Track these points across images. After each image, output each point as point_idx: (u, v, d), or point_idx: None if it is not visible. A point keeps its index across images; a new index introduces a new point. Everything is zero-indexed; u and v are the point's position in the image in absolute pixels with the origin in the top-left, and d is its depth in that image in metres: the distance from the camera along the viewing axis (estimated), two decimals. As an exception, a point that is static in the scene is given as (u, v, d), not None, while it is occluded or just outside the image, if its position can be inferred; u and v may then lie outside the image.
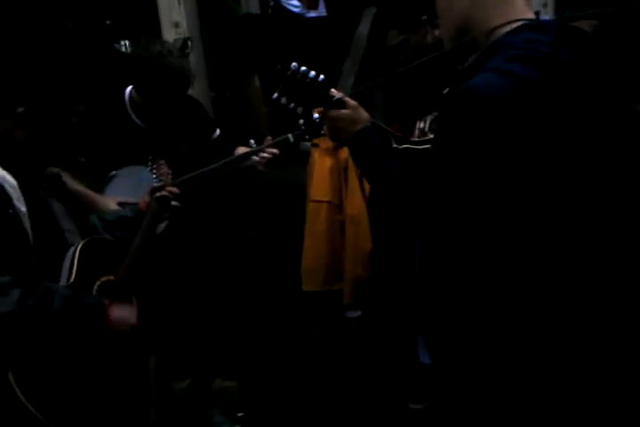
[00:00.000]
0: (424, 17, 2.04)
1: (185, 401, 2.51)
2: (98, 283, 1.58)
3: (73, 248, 1.56)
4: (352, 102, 1.38)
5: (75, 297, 1.42)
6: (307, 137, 1.89)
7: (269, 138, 2.13)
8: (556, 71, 1.12)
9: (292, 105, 1.39)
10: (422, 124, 2.51)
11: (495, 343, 1.24)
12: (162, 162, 1.90)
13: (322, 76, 1.37)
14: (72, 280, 1.49)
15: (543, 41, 1.14)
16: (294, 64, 1.35)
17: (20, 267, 1.35)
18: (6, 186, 1.38)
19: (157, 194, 1.79)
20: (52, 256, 1.52)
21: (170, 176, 1.88)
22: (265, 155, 2.09)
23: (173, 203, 1.80)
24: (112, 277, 1.62)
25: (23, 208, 1.41)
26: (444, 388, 1.50)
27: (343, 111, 1.36)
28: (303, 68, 1.36)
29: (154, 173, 1.87)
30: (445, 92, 1.81)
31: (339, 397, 2.63)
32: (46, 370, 1.39)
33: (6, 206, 1.36)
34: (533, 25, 1.19)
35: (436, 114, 2.39)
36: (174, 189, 1.82)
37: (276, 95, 1.37)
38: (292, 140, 2.02)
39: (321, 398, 2.62)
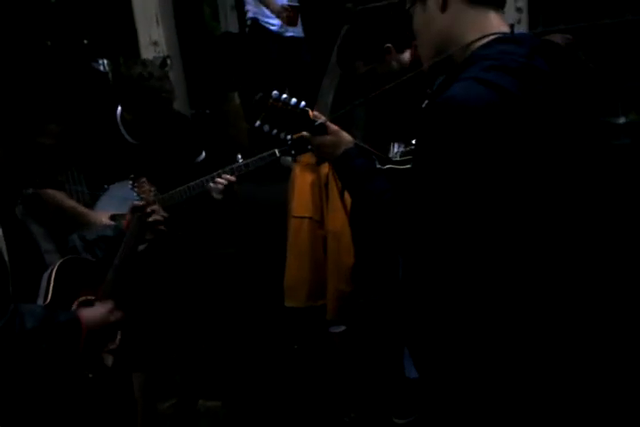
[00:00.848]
0: (388, 44, 2.07)
1: (170, 422, 2.48)
2: (76, 302, 1.56)
3: (50, 269, 1.55)
4: (333, 127, 1.40)
5: (47, 316, 1.40)
6: (293, 152, 1.91)
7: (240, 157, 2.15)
8: (531, 80, 1.14)
9: (275, 132, 1.41)
10: (397, 147, 2.54)
11: (479, 357, 1.25)
12: (143, 179, 1.91)
13: (303, 103, 1.40)
14: (49, 300, 1.48)
15: (518, 52, 1.17)
16: (275, 93, 1.37)
17: None
18: None
19: (139, 213, 1.78)
20: (31, 278, 1.50)
21: (152, 193, 1.88)
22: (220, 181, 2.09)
23: (154, 217, 1.80)
24: (92, 297, 1.61)
25: None
26: (429, 403, 1.50)
27: (325, 137, 1.39)
28: (284, 95, 1.38)
29: (135, 191, 1.87)
30: (423, 105, 1.84)
31: (323, 413, 2.61)
32: (23, 391, 1.37)
33: None
34: (508, 38, 1.22)
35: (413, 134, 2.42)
36: (156, 208, 1.81)
37: (258, 123, 1.39)
38: (278, 154, 2.06)
39: (306, 414, 2.60)
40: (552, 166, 1.18)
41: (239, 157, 2.15)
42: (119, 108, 2.33)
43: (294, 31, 4.17)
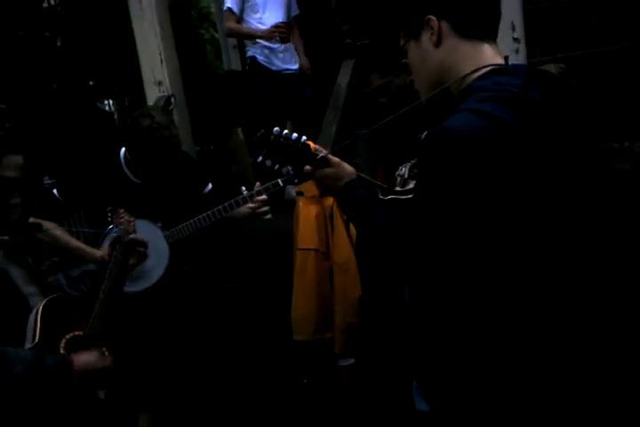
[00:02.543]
0: (404, 60, 2.12)
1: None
2: (64, 340, 1.56)
3: (35, 310, 1.54)
4: (335, 159, 1.42)
5: (35, 360, 1.37)
6: (295, 181, 1.94)
7: (258, 184, 2.20)
8: (526, 110, 1.16)
9: (277, 166, 1.43)
10: (402, 171, 2.56)
11: (490, 390, 1.23)
12: (122, 210, 1.94)
13: (304, 138, 1.42)
14: (37, 341, 1.47)
15: (513, 83, 1.19)
16: (276, 129, 1.40)
17: None
18: None
19: (118, 243, 1.81)
20: (15, 323, 1.50)
21: (132, 223, 1.91)
22: (256, 204, 2.19)
23: (140, 249, 1.83)
24: (79, 333, 1.60)
25: None
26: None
27: (327, 170, 1.40)
28: (285, 131, 1.41)
29: (113, 222, 1.92)
30: (423, 136, 1.87)
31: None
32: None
33: None
34: (503, 69, 1.24)
35: (413, 162, 2.45)
36: (138, 237, 1.84)
37: (260, 158, 1.42)
38: (281, 184, 2.12)
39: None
40: (547, 194, 1.19)
41: (243, 188, 2.18)
42: (122, 149, 2.36)
43: (293, 68, 4.25)
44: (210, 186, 2.55)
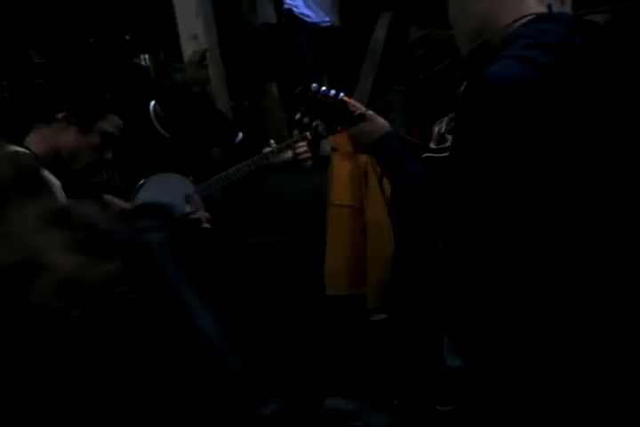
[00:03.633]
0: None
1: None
2: None
3: None
4: (370, 113, 1.41)
5: None
6: (324, 134, 1.95)
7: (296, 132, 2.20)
8: (571, 57, 1.13)
9: (315, 124, 1.42)
10: (439, 127, 2.51)
11: (524, 343, 1.24)
12: (196, 196, 1.97)
13: (342, 94, 1.41)
14: None
15: (557, 30, 1.15)
16: (314, 85, 1.39)
17: None
18: (52, 187, 1.42)
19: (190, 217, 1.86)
20: None
21: (203, 208, 1.96)
22: (300, 150, 2.23)
23: (205, 225, 1.87)
24: None
25: None
26: (474, 389, 1.49)
27: (362, 125, 1.40)
28: (323, 88, 1.40)
29: (189, 207, 1.96)
30: (462, 89, 1.82)
31: (366, 399, 2.62)
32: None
33: None
34: (546, 16, 1.20)
35: (451, 116, 2.40)
36: (206, 214, 1.88)
37: (298, 116, 1.42)
38: (309, 137, 2.16)
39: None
40: (591, 145, 1.15)
41: (272, 141, 2.19)
42: (152, 103, 2.37)
43: (330, 21, 4.16)
44: (240, 135, 2.55)
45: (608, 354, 1.23)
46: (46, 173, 1.43)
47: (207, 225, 1.89)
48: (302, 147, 2.25)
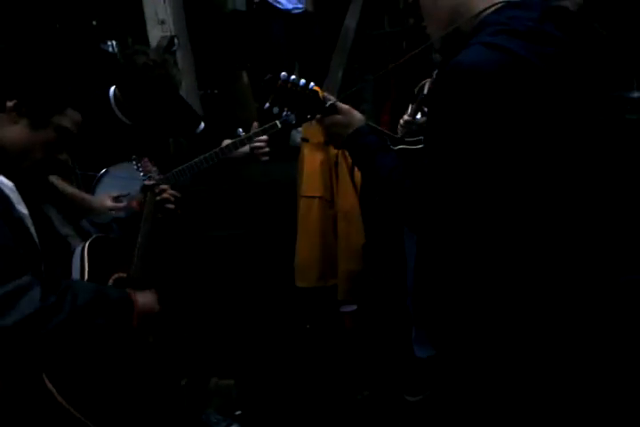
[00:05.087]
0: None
1: (182, 400, 2.51)
2: (111, 280, 1.56)
3: (79, 248, 1.53)
4: (344, 106, 1.38)
5: (100, 290, 1.39)
6: (293, 122, 1.91)
7: (255, 124, 2.15)
8: (542, 43, 1.12)
9: (285, 114, 1.39)
10: (409, 112, 2.51)
11: (496, 333, 1.24)
12: (146, 159, 1.90)
13: (312, 84, 1.38)
14: (86, 279, 1.46)
15: (527, 16, 1.15)
16: (284, 74, 1.36)
17: (33, 269, 1.31)
18: (5, 189, 1.34)
19: (158, 198, 1.78)
20: (58, 260, 1.49)
21: (155, 173, 1.88)
22: (257, 144, 2.16)
23: (164, 196, 1.80)
24: (124, 274, 1.60)
25: (25, 211, 1.37)
26: (444, 379, 1.50)
27: (336, 117, 1.37)
28: (293, 76, 1.36)
29: (140, 171, 1.87)
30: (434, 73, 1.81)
31: (337, 391, 2.62)
32: (79, 367, 1.36)
33: (9, 209, 1.32)
34: (517, 3, 1.20)
35: (422, 95, 2.39)
36: (166, 187, 1.82)
37: (267, 105, 1.38)
38: (279, 126, 2.06)
39: (318, 393, 2.61)
40: (559, 130, 1.15)
41: (240, 130, 2.14)
42: (111, 89, 2.30)
43: (302, 7, 4.11)
44: (202, 125, 2.50)
45: (577, 343, 1.25)
46: None
47: (171, 206, 1.82)
48: (259, 142, 2.19)
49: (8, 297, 1.22)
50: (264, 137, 2.15)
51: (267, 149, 2.24)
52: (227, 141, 2.21)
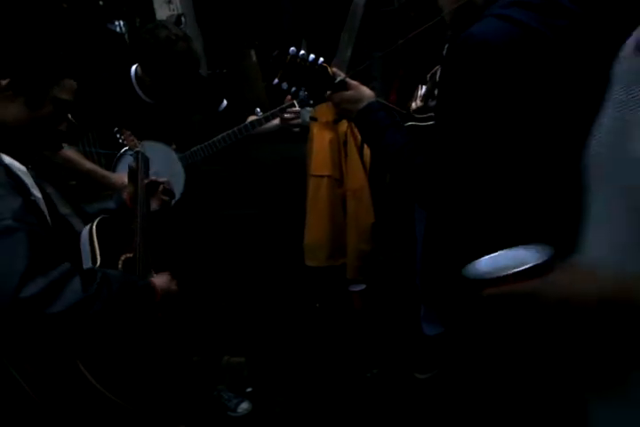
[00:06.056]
0: None
1: (194, 377, 2.54)
2: (120, 262, 1.56)
3: (86, 230, 1.52)
4: (353, 82, 1.37)
5: (127, 278, 1.40)
6: (311, 102, 1.92)
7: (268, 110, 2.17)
8: (554, 16, 1.11)
9: (294, 89, 1.38)
10: (421, 91, 2.48)
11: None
12: (128, 132, 1.91)
13: (321, 59, 1.36)
14: (99, 262, 1.46)
15: None
16: (292, 49, 1.34)
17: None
18: (20, 174, 1.33)
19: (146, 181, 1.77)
20: (66, 241, 1.49)
21: (137, 143, 1.90)
22: (288, 115, 2.21)
23: (164, 198, 1.80)
24: (130, 255, 1.59)
25: (39, 195, 1.36)
26: (452, 357, 1.50)
27: (346, 93, 1.35)
28: (302, 52, 1.34)
29: (121, 140, 1.89)
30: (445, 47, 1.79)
31: (346, 369, 2.64)
32: (107, 351, 1.37)
33: (27, 194, 1.31)
34: None
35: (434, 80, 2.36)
36: (167, 184, 1.81)
37: (276, 81, 1.36)
38: (297, 106, 2.12)
39: (328, 371, 2.64)
40: (571, 103, 1.14)
41: (258, 110, 2.15)
42: (133, 68, 2.29)
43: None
44: (225, 103, 2.49)
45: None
46: (8, 160, 1.32)
47: (166, 198, 1.82)
48: (290, 113, 2.22)
49: (55, 285, 1.21)
50: (296, 108, 2.19)
51: (299, 120, 2.26)
52: (252, 117, 2.23)
